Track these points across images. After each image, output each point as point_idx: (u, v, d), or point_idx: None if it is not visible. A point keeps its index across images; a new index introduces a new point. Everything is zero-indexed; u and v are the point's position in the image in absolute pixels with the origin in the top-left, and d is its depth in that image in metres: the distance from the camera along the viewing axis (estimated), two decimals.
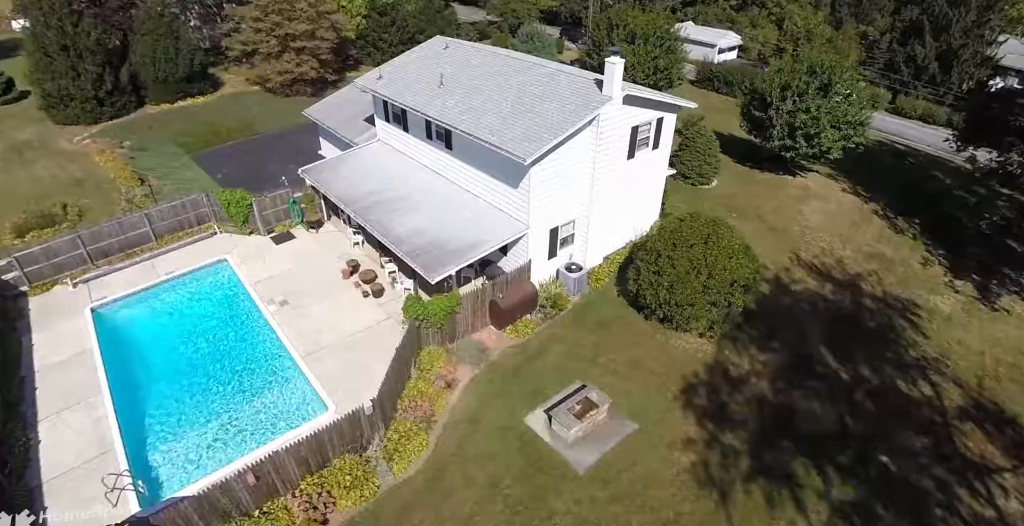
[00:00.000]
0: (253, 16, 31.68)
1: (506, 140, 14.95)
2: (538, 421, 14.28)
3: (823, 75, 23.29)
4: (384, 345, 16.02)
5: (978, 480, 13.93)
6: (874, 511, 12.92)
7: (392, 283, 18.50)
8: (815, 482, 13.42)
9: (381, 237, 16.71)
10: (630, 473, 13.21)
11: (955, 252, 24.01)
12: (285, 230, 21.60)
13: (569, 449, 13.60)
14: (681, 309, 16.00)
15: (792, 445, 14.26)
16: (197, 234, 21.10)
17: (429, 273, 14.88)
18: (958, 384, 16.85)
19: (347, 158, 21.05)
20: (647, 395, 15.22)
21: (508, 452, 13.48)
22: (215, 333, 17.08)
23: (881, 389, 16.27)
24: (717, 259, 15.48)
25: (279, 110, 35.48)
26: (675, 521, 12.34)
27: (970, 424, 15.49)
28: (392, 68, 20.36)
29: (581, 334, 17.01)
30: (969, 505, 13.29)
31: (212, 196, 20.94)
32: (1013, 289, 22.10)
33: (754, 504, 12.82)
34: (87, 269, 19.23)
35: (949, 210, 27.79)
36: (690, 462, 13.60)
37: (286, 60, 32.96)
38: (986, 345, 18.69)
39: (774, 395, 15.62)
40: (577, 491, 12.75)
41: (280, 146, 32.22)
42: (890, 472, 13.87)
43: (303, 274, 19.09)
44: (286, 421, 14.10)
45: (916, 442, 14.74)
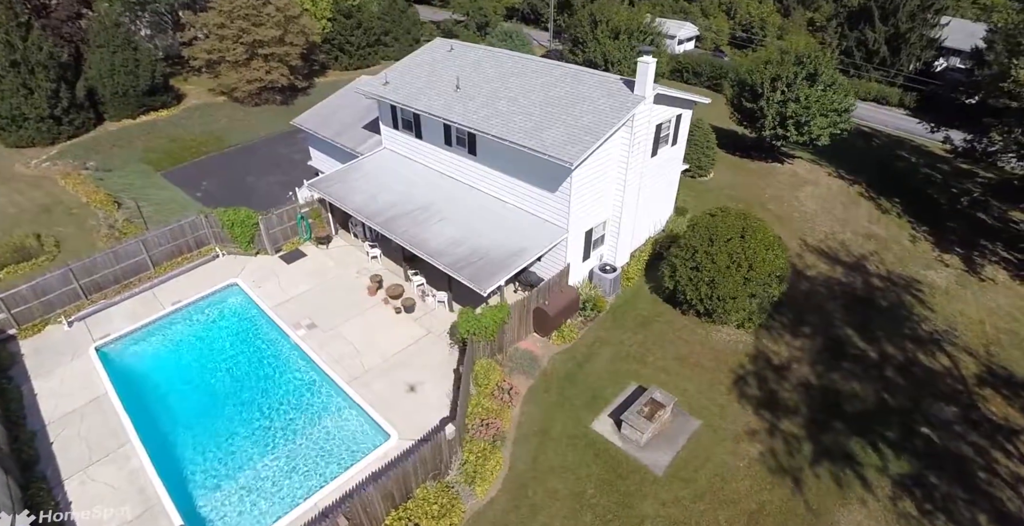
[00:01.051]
0: (217, 23, 29.75)
1: (546, 144, 14.70)
2: (605, 426, 14.25)
3: (809, 65, 24.20)
4: (429, 362, 15.61)
5: (1008, 442, 14.98)
6: (929, 481, 13.65)
7: (422, 297, 17.94)
8: (872, 459, 14.05)
9: (415, 250, 16.14)
10: (706, 469, 13.40)
11: (936, 227, 25.66)
12: (294, 248, 20.53)
13: (642, 452, 13.65)
14: (723, 303, 16.31)
15: (844, 426, 14.86)
16: (198, 259, 19.74)
17: (480, 285, 14.50)
18: (970, 353, 18.04)
19: (355, 169, 20.18)
20: (702, 390, 15.46)
21: (584, 461, 13.39)
22: (241, 364, 16.03)
23: (906, 364, 17.19)
24: (756, 251, 15.85)
25: (249, 120, 33.67)
26: (759, 511, 12.62)
27: (988, 390, 16.61)
28: (397, 73, 19.61)
29: (624, 334, 17.07)
30: (1006, 466, 14.27)
31: (212, 217, 19.60)
32: (993, 259, 23.83)
33: (825, 486, 13.28)
34: (81, 305, 17.64)
35: (921, 187, 29.68)
36: (758, 452, 13.94)
37: (255, 68, 31.21)
38: (984, 314, 20.08)
39: (816, 379, 16.22)
40: (661, 493, 12.82)
41: (256, 158, 30.68)
42: (933, 443, 14.69)
43: (325, 293, 18.22)
44: (346, 454, 13.41)
45: (948, 411, 15.67)
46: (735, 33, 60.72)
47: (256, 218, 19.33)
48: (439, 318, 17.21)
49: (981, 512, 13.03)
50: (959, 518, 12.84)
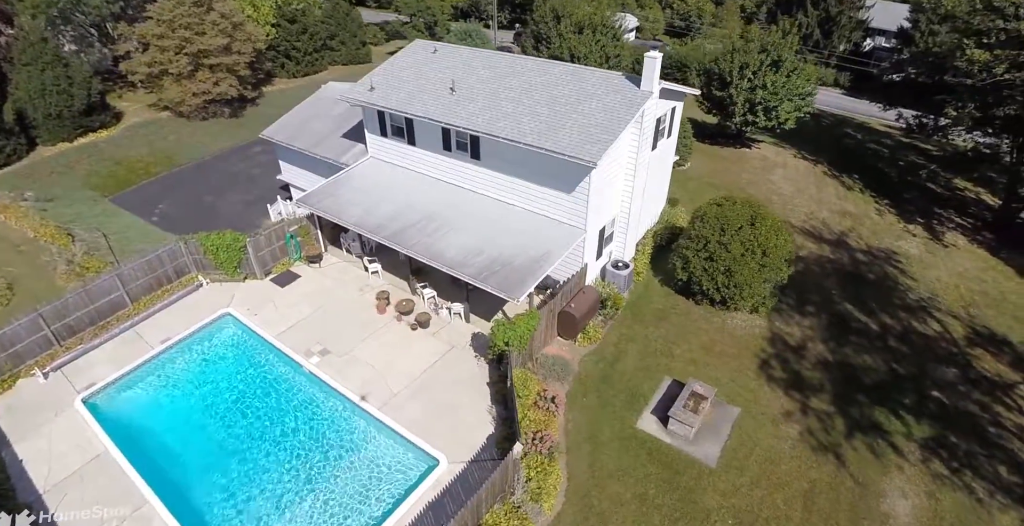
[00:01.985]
0: (156, 33, 27.26)
1: (563, 145, 14.40)
2: (651, 424, 14.23)
3: (773, 52, 25.12)
4: (460, 378, 15.07)
5: (1006, 396, 16.17)
6: (950, 441, 14.52)
7: (435, 310, 17.27)
8: (897, 426, 14.79)
9: (432, 263, 15.46)
10: (755, 455, 13.65)
11: (895, 200, 27.39)
12: (285, 269, 19.26)
13: (692, 445, 13.72)
14: (740, 290, 16.65)
15: (865, 397, 15.56)
16: (180, 290, 18.13)
17: (511, 294, 14.06)
18: (954, 316, 19.37)
19: (343, 181, 19.11)
20: (732, 377, 15.75)
21: (639, 462, 13.31)
22: (254, 401, 14.83)
23: (904, 332, 18.24)
24: (768, 238, 16.26)
25: (198, 136, 31.33)
26: (811, 490, 12.99)
27: (978, 349, 17.89)
28: (381, 77, 18.68)
29: (646, 329, 17.12)
30: (1009, 419, 15.40)
31: (192, 243, 18.04)
32: (950, 226, 25.71)
33: (864, 458, 13.85)
34: (55, 353, 15.80)
35: (872, 163, 31.61)
36: (797, 432, 14.35)
37: (201, 79, 28.93)
38: (956, 278, 21.62)
39: (831, 355, 16.90)
40: (719, 484, 12.94)
41: (212, 175, 28.68)
42: (945, 404, 15.64)
43: (331, 316, 17.19)
44: (393, 486, 12.68)
45: (949, 373, 16.74)
46: (672, 23, 62.56)
47: (243, 241, 17.95)
48: (458, 331, 16.63)
49: (1000, 464, 13.97)
50: (984, 472, 13.72)
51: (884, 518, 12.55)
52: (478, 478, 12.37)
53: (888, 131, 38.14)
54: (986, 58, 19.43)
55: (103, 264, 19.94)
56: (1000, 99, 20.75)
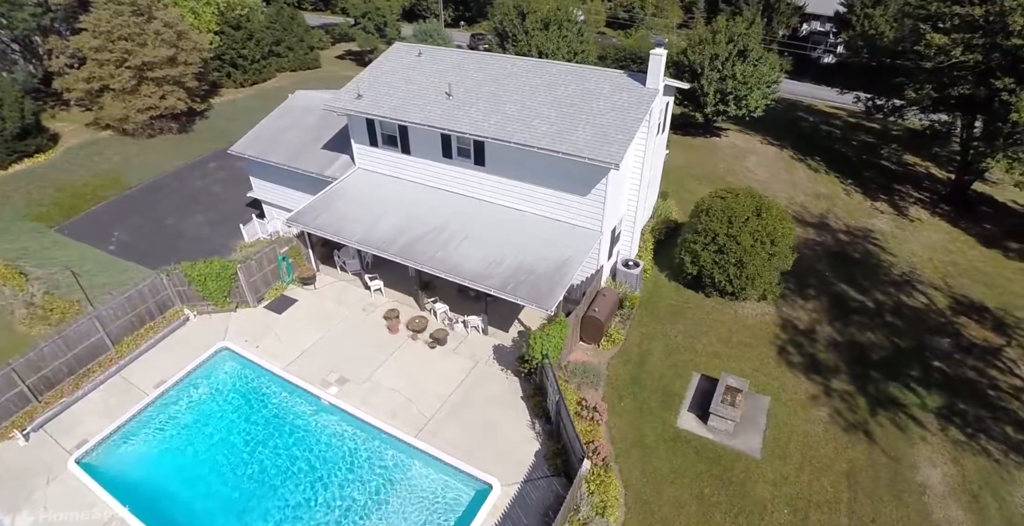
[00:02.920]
0: (94, 46, 24.68)
1: (580, 147, 14.07)
2: (690, 422, 14.25)
3: (739, 43, 25.74)
4: (492, 394, 14.56)
5: (995, 359, 17.31)
6: (959, 408, 15.39)
7: (450, 325, 16.62)
8: (912, 399, 15.52)
9: (450, 277, 14.80)
10: (793, 442, 13.94)
11: (857, 179, 28.85)
12: (278, 294, 17.99)
13: (734, 439, 13.85)
14: (751, 281, 16.94)
15: (878, 373, 16.24)
16: (165, 326, 16.57)
17: (543, 304, 13.65)
18: (935, 287, 20.57)
19: (334, 196, 18.02)
20: (755, 367, 16.03)
21: (688, 462, 13.29)
22: (273, 441, 13.73)
23: (897, 307, 19.19)
24: (775, 227, 16.61)
25: (147, 154, 28.90)
26: (851, 469, 13.40)
27: (963, 317, 19.07)
28: (367, 84, 17.67)
29: (664, 327, 17.16)
30: (1004, 380, 16.49)
31: (175, 275, 16.51)
32: (911, 201, 27.34)
33: (891, 433, 14.44)
34: (34, 410, 14.06)
35: (828, 144, 33.17)
36: (827, 415, 14.78)
37: (146, 94, 26.52)
38: (927, 251, 22.99)
39: (839, 335, 17.54)
40: (767, 474, 13.12)
41: (169, 196, 26.62)
42: (947, 373, 16.56)
43: (340, 340, 16.20)
44: (445, 519, 12.02)
45: (944, 343, 17.75)
46: (616, 15, 63.29)
47: (234, 267, 16.58)
48: (478, 345, 16.07)
49: (1007, 424, 14.93)
50: (994, 435, 14.60)
51: (921, 489, 13.11)
52: (536, 499, 11.99)
53: (835, 112, 40.17)
54: (944, 42, 20.61)
55: (68, 304, 18.05)
56: (954, 80, 22.09)
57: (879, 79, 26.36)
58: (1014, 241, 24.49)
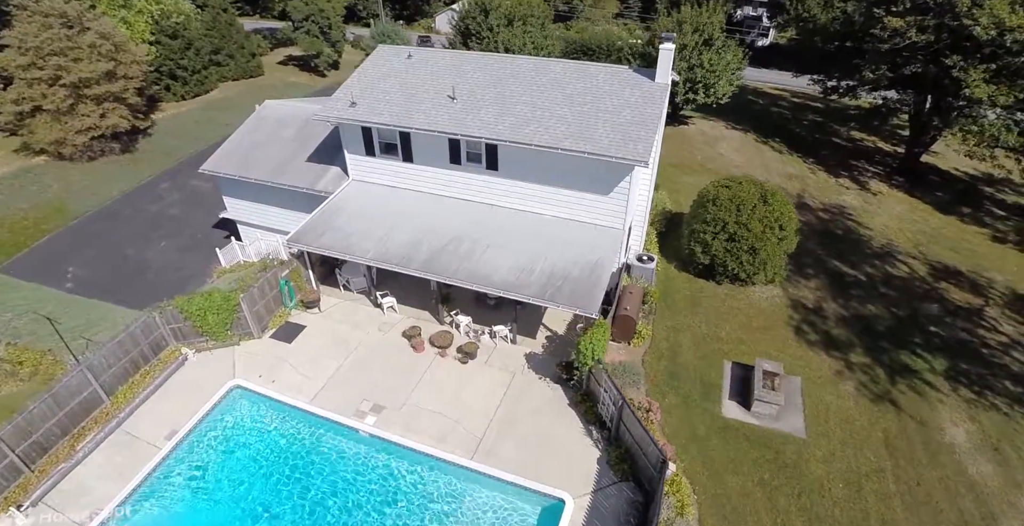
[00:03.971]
0: (21, 64, 21.85)
1: (604, 146, 13.84)
2: (734, 410, 14.48)
3: (705, 31, 26.35)
4: (538, 405, 14.21)
5: (980, 319, 18.70)
6: (962, 368, 16.50)
7: (475, 337, 16.07)
8: (921, 364, 16.49)
9: (483, 288, 14.26)
10: (831, 418, 14.46)
11: (816, 158, 30.41)
12: (282, 321, 16.75)
13: (779, 422, 14.19)
14: (764, 266, 17.40)
15: (887, 343, 17.15)
16: (162, 369, 15.04)
17: (586, 309, 13.37)
18: (912, 256, 22.00)
19: (333, 212, 16.93)
20: (779, 349, 16.51)
21: (742, 450, 13.48)
22: (315, 481, 12.76)
23: (887, 278, 20.37)
24: (782, 212, 17.10)
25: (90, 179, 26.26)
26: (887, 438, 14.05)
27: (943, 282, 20.51)
28: (360, 91, 16.63)
29: (686, 318, 17.35)
30: (992, 338, 17.85)
31: (170, 312, 14.99)
32: (868, 175, 29.11)
33: (913, 399, 15.28)
34: (28, 482, 12.37)
35: (782, 124, 34.76)
36: (854, 388, 15.44)
37: (84, 113, 23.87)
38: (896, 222, 24.57)
39: (844, 310, 18.40)
40: (816, 452, 13.53)
41: (123, 223, 24.44)
42: (945, 337, 17.72)
43: (363, 366, 15.28)
44: None
45: (934, 308, 19.00)
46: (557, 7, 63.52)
47: (236, 298, 15.24)
48: (509, 355, 15.62)
49: (1005, 379, 16.16)
50: (997, 389, 15.76)
51: (951, 448, 13.94)
52: (611, 507, 11.80)
53: (780, 94, 42.20)
54: (900, 24, 21.91)
55: (39, 355, 16.12)
56: (907, 60, 23.57)
57: (834, 61, 27.81)
58: (965, 206, 26.63)
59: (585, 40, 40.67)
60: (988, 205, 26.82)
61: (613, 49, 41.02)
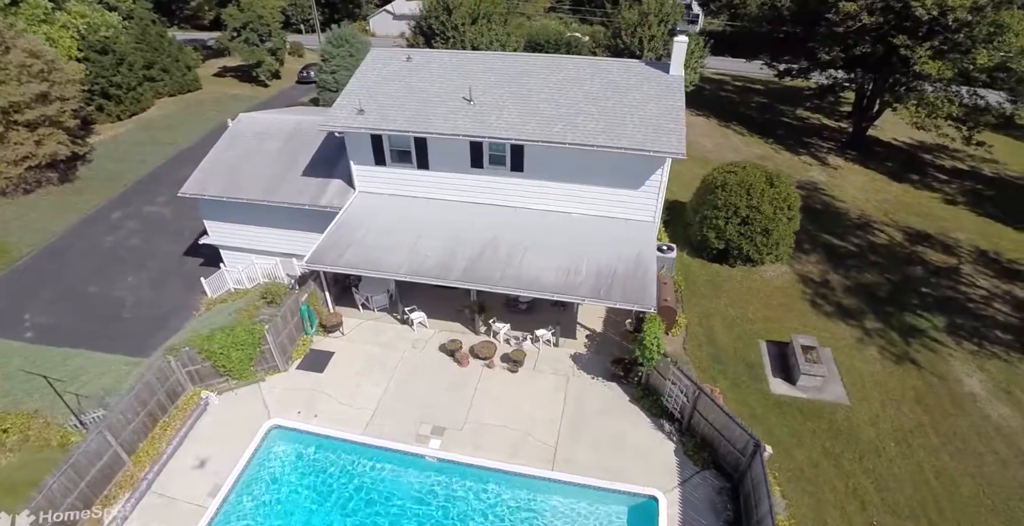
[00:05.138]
0: None
1: (639, 141, 13.80)
2: (781, 386, 15.00)
3: (670, 22, 27.01)
4: (600, 405, 14.07)
5: (959, 276, 20.43)
6: (958, 323, 17.97)
7: (517, 343, 15.66)
8: (925, 324, 17.81)
9: (533, 293, 13.88)
10: (866, 383, 15.31)
11: (774, 138, 32.08)
12: (306, 350, 15.57)
13: (822, 393, 14.84)
14: (776, 246, 18.10)
15: (892, 308, 18.37)
16: (183, 417, 13.57)
17: (643, 303, 13.32)
18: (886, 224, 23.69)
19: (347, 228, 15.88)
20: (802, 322, 17.27)
21: (800, 423, 13.98)
22: (389, 520, 11.94)
23: (873, 247, 21.83)
24: (789, 193, 17.83)
25: (30, 214, 23.44)
26: (916, 396, 15.07)
27: (918, 246, 22.24)
28: (365, 98, 15.63)
29: (712, 303, 17.76)
30: (975, 293, 19.53)
31: (186, 353, 13.51)
32: (823, 151, 31.04)
33: (928, 355, 16.48)
34: None
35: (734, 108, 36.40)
36: (876, 352, 16.42)
37: (16, 141, 21.00)
38: (862, 193, 26.36)
39: (847, 280, 19.52)
40: (862, 416, 14.29)
41: (79, 259, 22.16)
42: (937, 296, 19.21)
43: (409, 387, 14.48)
44: None
45: (918, 271, 20.55)
46: None
47: (262, 330, 13.96)
48: (555, 358, 15.32)
49: (994, 329, 17.77)
50: (992, 338, 17.29)
51: (972, 397, 15.14)
52: (701, 497, 11.87)
53: (722, 79, 44.07)
54: (853, 8, 23.41)
55: (26, 417, 14.18)
56: (857, 42, 25.25)
57: (785, 46, 29.38)
58: (913, 173, 29.00)
59: (533, 35, 40.66)
60: (931, 171, 29.37)
61: (562, 43, 41.36)
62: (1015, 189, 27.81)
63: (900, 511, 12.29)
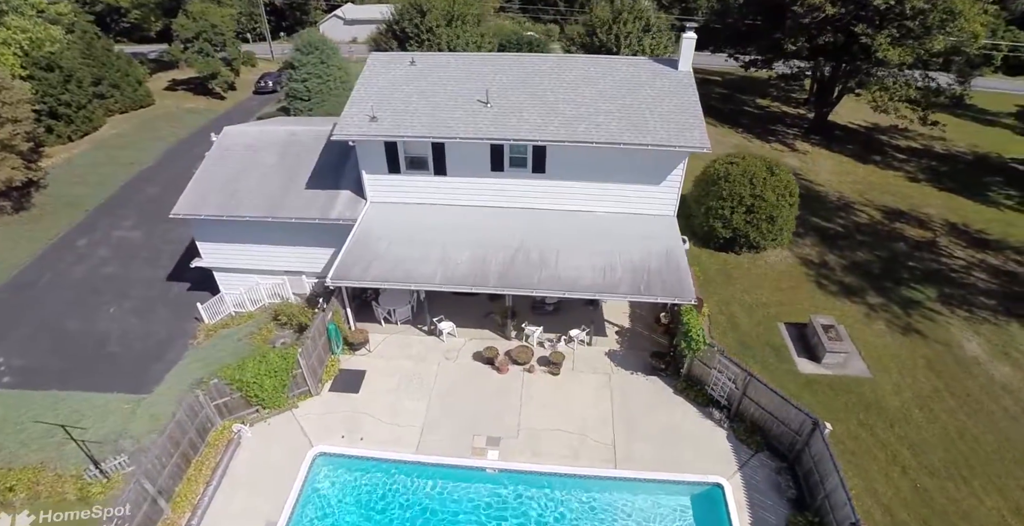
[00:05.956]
0: None
1: (665, 137, 13.96)
2: (807, 366, 15.59)
3: (644, 18, 27.52)
4: (647, 399, 14.22)
5: (936, 249, 21.85)
6: (946, 292, 19.22)
7: (551, 346, 15.57)
8: (918, 295, 18.95)
9: (575, 294, 13.83)
10: (882, 356, 16.13)
11: (742, 127, 33.33)
12: (335, 370, 14.91)
13: (845, 369, 15.54)
14: (781, 232, 18.79)
15: (888, 283, 19.44)
16: (216, 455, 12.72)
17: (683, 296, 13.52)
18: (863, 204, 25.08)
19: (366, 241, 15.29)
20: (813, 302, 18.03)
21: (832, 400, 14.55)
22: None
23: (858, 226, 23.03)
24: (789, 180, 18.54)
25: None
26: (928, 362, 15.97)
27: (896, 223, 23.64)
28: (376, 104, 15.06)
29: (727, 290, 18.24)
30: (954, 263, 20.94)
31: (216, 385, 12.65)
32: (790, 137, 32.50)
33: (929, 325, 17.53)
34: None
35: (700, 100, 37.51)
36: (884, 326, 17.35)
37: None
38: (834, 176, 27.79)
39: (843, 260, 20.51)
40: (886, 387, 15.05)
41: (50, 293, 20.67)
42: (923, 269, 20.47)
43: (453, 399, 14.11)
44: None
45: (901, 246, 21.85)
46: None
47: (295, 354, 13.23)
48: (591, 357, 15.34)
49: (979, 295, 19.12)
50: (979, 304, 18.57)
51: (975, 362, 16.24)
52: (763, 479, 12.19)
53: None
54: (818, 0, 24.59)
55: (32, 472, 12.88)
56: (820, 32, 26.55)
57: (749, 39, 30.57)
58: (874, 154, 30.82)
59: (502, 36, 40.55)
60: (890, 151, 31.31)
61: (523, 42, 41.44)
62: (965, 164, 30.06)
63: (937, 472, 13.03)
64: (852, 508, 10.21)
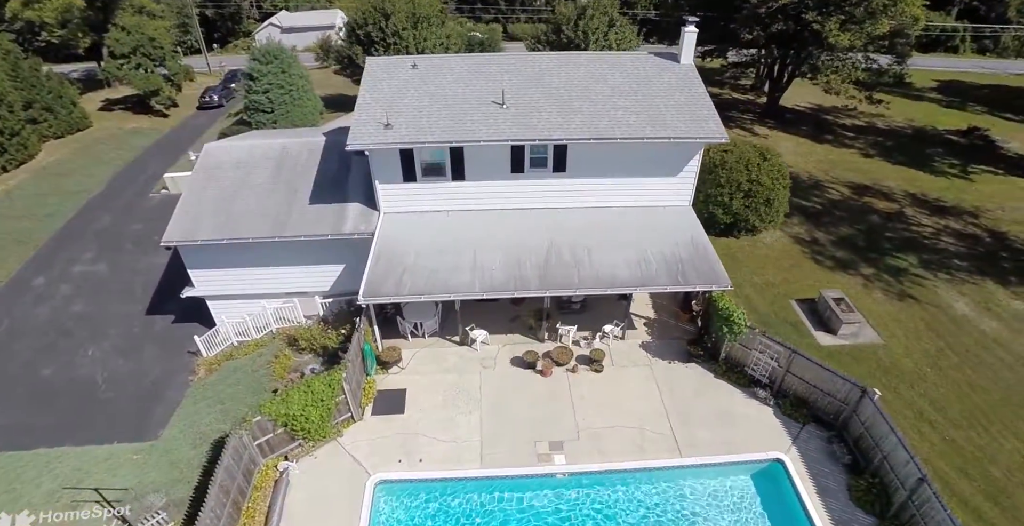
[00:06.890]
0: None
1: (684, 129, 14.21)
2: (825, 338, 16.41)
3: (610, 14, 27.93)
4: (694, 387, 14.53)
5: (906, 219, 23.50)
6: (924, 257, 20.70)
7: (587, 344, 15.55)
8: (904, 263, 20.29)
9: (616, 290, 13.86)
10: (887, 322, 17.20)
11: None
12: (373, 392, 14.22)
13: (858, 338, 16.46)
14: (778, 214, 19.63)
15: (875, 255, 20.71)
16: (265, 498, 11.86)
17: (720, 283, 13.84)
18: (831, 182, 26.60)
19: (388, 254, 14.65)
20: (815, 278, 18.98)
21: (854, 367, 15.19)
22: None
23: (837, 204, 24.40)
24: (780, 165, 19.39)
25: None
26: (928, 325, 17.18)
27: (865, 197, 25.24)
28: (388, 111, 14.43)
29: (736, 274, 18.57)
30: (922, 231, 22.57)
31: (262, 422, 11.76)
32: (747, 122, 34.03)
33: (921, 288, 18.86)
34: None
35: None
36: (881, 294, 18.51)
37: None
38: (797, 158, 29.31)
39: (832, 236, 21.71)
40: (898, 350, 16.07)
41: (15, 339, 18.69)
42: (899, 237, 21.96)
43: (504, 409, 13.78)
44: (776, 507, 11.93)
45: (876, 219, 23.35)
46: None
47: (340, 380, 12.49)
48: (627, 351, 15.46)
49: (953, 257, 20.72)
50: (954, 266, 20.12)
51: (966, 320, 17.62)
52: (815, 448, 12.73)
53: None
54: None
55: None
56: (773, 20, 27.93)
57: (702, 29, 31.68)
58: (825, 133, 32.78)
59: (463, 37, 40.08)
60: (839, 130, 33.42)
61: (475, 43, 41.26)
62: (906, 137, 32.54)
63: (959, 423, 14.05)
64: (917, 464, 10.81)
